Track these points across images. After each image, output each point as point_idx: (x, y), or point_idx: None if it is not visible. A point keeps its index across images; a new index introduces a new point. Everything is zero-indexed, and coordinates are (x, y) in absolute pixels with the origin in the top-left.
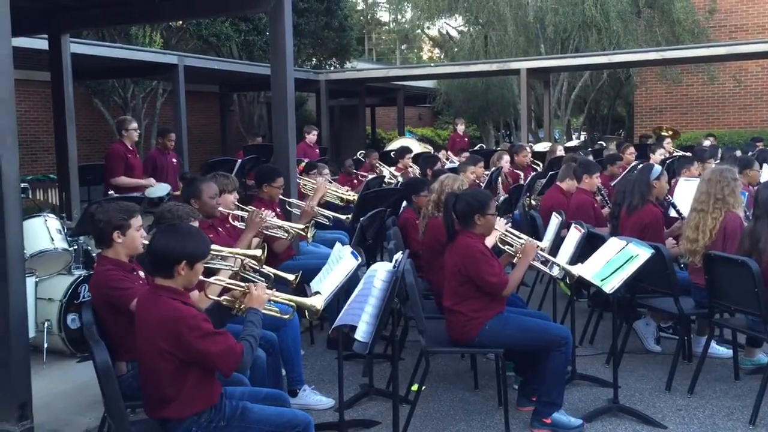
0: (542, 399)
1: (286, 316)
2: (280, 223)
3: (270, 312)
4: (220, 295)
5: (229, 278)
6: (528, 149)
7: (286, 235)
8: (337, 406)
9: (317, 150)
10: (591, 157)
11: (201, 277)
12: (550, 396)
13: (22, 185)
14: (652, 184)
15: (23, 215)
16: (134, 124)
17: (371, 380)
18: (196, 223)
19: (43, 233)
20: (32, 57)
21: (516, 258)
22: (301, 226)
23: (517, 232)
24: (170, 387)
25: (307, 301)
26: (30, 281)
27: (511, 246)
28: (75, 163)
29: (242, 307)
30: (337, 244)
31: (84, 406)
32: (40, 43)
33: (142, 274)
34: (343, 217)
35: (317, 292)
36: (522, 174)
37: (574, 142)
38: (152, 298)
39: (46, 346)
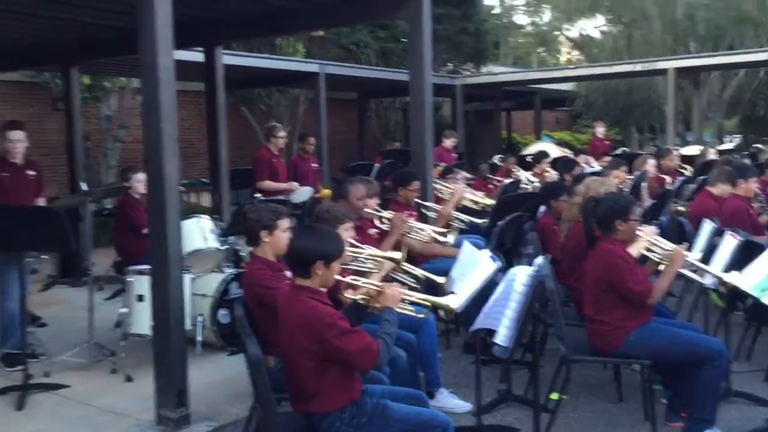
0: (693, 415)
1: (421, 316)
2: (422, 226)
3: (405, 311)
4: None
5: (380, 278)
6: (675, 153)
7: (428, 238)
8: (475, 411)
9: (454, 155)
10: (746, 161)
11: (337, 277)
12: (702, 412)
13: (180, 189)
14: None
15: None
16: (283, 132)
17: (509, 386)
18: (350, 224)
19: (198, 233)
20: (186, 68)
21: (662, 265)
22: (443, 230)
23: (664, 241)
24: (312, 383)
25: (442, 300)
26: (186, 278)
27: (656, 253)
28: (226, 168)
29: (377, 305)
30: (466, 244)
31: (233, 396)
32: (194, 56)
33: (289, 273)
34: (479, 221)
35: (452, 292)
36: (669, 179)
37: (726, 146)
38: (292, 297)
39: (200, 338)
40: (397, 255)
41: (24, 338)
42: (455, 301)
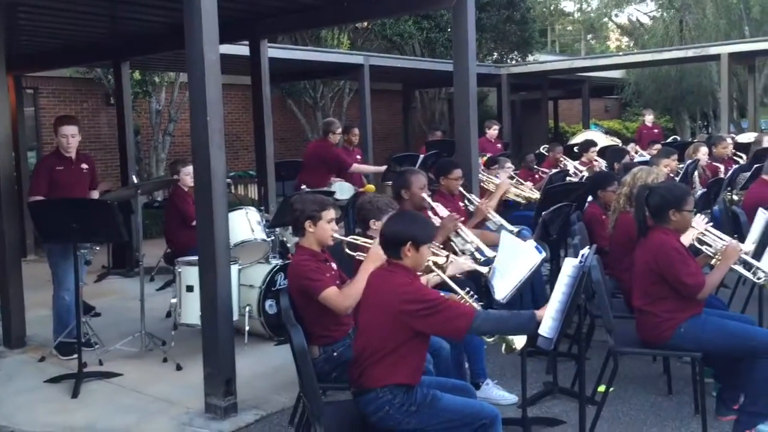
0: (747, 409)
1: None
2: (471, 237)
3: None
4: None
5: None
6: (729, 140)
7: (469, 250)
8: (520, 403)
9: (498, 145)
10: None
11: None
12: (755, 406)
13: (227, 181)
14: None
15: (228, 208)
16: (340, 129)
17: (555, 378)
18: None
19: (245, 225)
20: (232, 62)
21: (715, 260)
22: (491, 254)
23: (717, 233)
24: (386, 350)
25: (508, 337)
26: (234, 268)
27: (710, 246)
28: (272, 160)
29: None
30: (504, 234)
31: (280, 386)
32: (240, 49)
33: (334, 265)
34: (511, 228)
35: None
36: (722, 167)
37: None
38: (385, 273)
39: (247, 328)
40: (441, 260)
41: (79, 328)
42: (522, 342)
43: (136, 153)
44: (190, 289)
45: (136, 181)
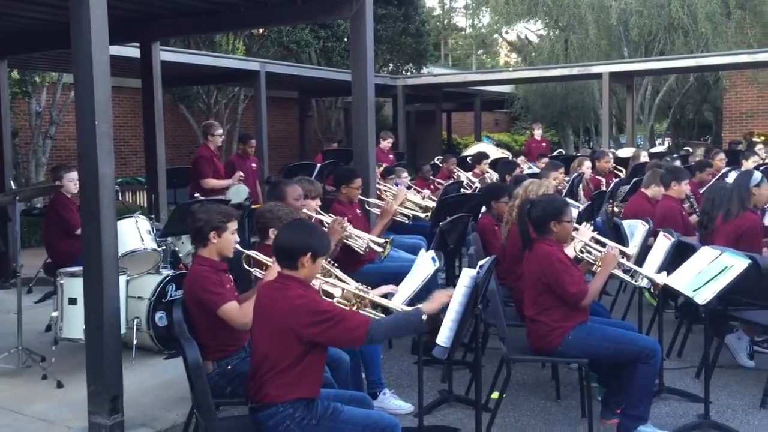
0: (628, 412)
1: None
2: (360, 234)
3: None
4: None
5: None
6: (610, 155)
7: (364, 246)
8: (417, 412)
9: (390, 156)
10: (678, 163)
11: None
12: (636, 409)
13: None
14: (752, 191)
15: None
16: (220, 130)
17: (450, 386)
18: None
19: (134, 234)
20: (123, 64)
21: (596, 266)
22: (381, 241)
23: (603, 239)
24: (284, 364)
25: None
26: (122, 279)
27: (590, 254)
28: (163, 167)
29: (355, 308)
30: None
31: (171, 401)
32: (131, 51)
33: (231, 277)
34: (423, 215)
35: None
36: (604, 180)
37: (658, 148)
38: (279, 285)
39: (135, 342)
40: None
41: None
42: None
43: (14, 157)
44: (73, 301)
45: (13, 186)
